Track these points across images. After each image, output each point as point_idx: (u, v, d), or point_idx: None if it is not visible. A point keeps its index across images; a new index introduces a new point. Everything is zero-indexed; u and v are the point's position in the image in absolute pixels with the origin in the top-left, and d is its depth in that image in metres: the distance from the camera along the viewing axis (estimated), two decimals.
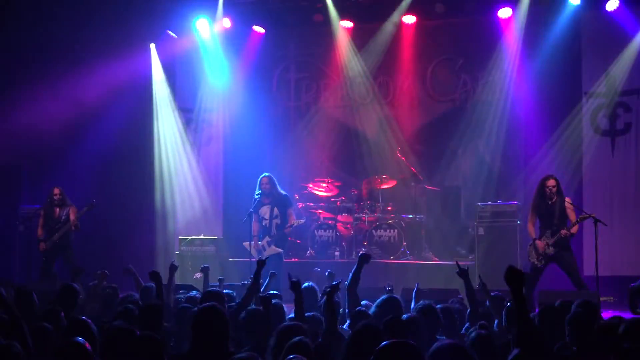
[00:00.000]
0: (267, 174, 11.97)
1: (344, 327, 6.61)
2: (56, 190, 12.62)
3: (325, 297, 6.17)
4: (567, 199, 10.94)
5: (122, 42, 14.80)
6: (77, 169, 14.68)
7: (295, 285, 6.32)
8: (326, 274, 9.69)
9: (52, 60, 14.90)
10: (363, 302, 7.45)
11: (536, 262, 10.84)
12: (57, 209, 12.58)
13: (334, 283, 6.83)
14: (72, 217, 12.48)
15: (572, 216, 10.80)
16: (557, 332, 5.91)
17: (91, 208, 12.52)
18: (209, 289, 7.79)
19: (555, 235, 10.68)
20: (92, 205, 12.50)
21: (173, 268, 8.60)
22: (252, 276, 7.52)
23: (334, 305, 5.98)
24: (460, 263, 12.86)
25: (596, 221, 10.66)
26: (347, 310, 7.08)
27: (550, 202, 10.82)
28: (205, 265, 9.54)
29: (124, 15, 14.57)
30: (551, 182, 10.85)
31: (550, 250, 10.73)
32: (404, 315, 5.94)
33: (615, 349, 4.83)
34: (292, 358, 4.55)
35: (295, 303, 6.29)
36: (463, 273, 7.44)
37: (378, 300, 6.70)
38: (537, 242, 10.81)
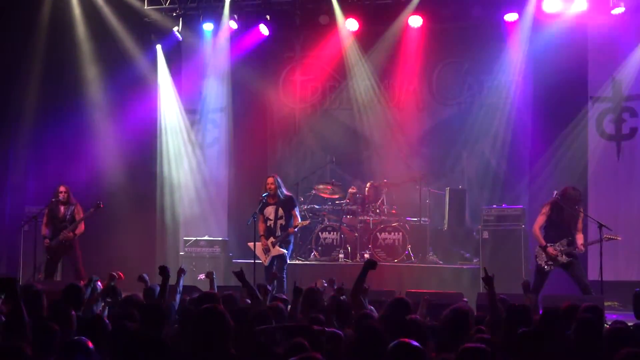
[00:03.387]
0: (272, 175, 12.00)
1: None
2: (62, 188, 12.58)
3: None
4: (581, 209, 10.97)
5: (129, 44, 14.85)
6: (82, 169, 14.71)
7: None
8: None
9: (56, 59, 14.94)
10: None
11: (544, 266, 10.85)
12: (62, 208, 12.56)
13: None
14: (78, 217, 12.46)
15: (579, 225, 10.82)
16: (560, 336, 5.89)
17: (97, 209, 12.50)
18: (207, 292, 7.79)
19: (570, 246, 10.69)
20: (98, 206, 12.47)
21: (181, 272, 8.43)
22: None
23: None
24: (464, 267, 13.01)
25: (601, 226, 10.67)
26: None
27: (567, 211, 10.81)
28: (210, 271, 9.30)
29: (131, 17, 14.60)
30: (578, 194, 10.91)
31: (564, 258, 10.75)
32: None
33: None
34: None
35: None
36: (489, 280, 7.11)
37: (387, 302, 6.73)
38: (549, 249, 10.80)
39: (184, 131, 15.39)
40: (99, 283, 9.17)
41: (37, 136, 15.21)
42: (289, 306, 7.35)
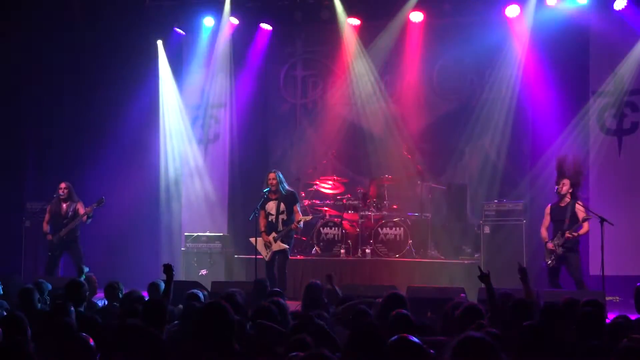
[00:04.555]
0: (274, 171, 11.99)
1: None
2: (62, 185, 12.59)
3: None
4: (578, 201, 11.09)
5: (130, 39, 14.84)
6: (83, 165, 14.71)
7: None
8: None
9: (57, 58, 14.93)
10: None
11: (549, 262, 11.12)
12: (64, 205, 12.56)
13: None
14: (82, 211, 12.45)
15: (581, 217, 10.98)
16: (560, 331, 5.89)
17: (100, 204, 12.49)
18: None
19: (563, 237, 10.87)
20: (101, 201, 12.47)
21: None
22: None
23: None
24: (465, 262, 13.00)
25: (602, 220, 10.67)
26: None
27: (562, 205, 11.07)
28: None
29: (132, 12, 14.59)
30: (565, 181, 11.08)
31: (560, 250, 10.99)
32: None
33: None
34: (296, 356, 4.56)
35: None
36: (484, 277, 7.19)
37: (383, 297, 6.72)
38: (548, 244, 11.13)
39: (185, 127, 15.38)
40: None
41: (38, 132, 15.23)
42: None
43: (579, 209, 11.06)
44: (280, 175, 11.90)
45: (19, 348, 4.60)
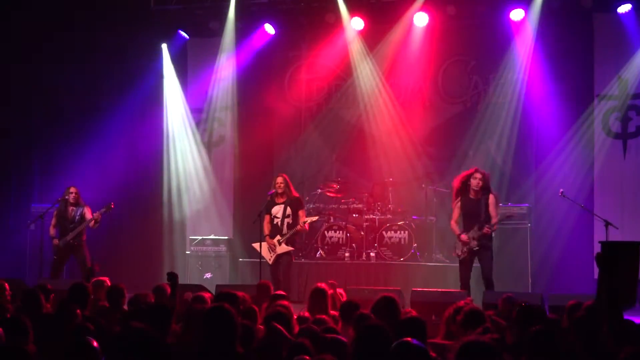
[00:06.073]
0: (282, 175, 12.05)
1: None
2: (72, 189, 12.61)
3: None
4: (492, 194, 11.00)
5: (134, 42, 14.87)
6: (88, 168, 14.73)
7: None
8: None
9: (62, 60, 14.96)
10: None
11: (459, 254, 11.01)
12: (71, 209, 12.59)
13: None
14: (89, 216, 12.47)
15: (493, 212, 10.93)
16: (562, 334, 5.89)
17: (109, 210, 12.50)
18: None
19: (480, 231, 10.81)
20: (109, 207, 12.47)
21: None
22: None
23: None
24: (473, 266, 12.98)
25: (607, 224, 10.66)
26: None
27: (475, 199, 10.98)
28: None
29: (138, 16, 14.62)
30: (477, 175, 11.01)
31: (474, 244, 10.88)
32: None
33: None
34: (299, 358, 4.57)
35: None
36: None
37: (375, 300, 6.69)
38: (462, 236, 10.96)
39: (189, 130, 15.38)
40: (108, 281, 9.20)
41: (43, 135, 15.27)
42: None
43: (492, 203, 10.98)
44: (288, 179, 11.97)
45: (20, 349, 4.61)
